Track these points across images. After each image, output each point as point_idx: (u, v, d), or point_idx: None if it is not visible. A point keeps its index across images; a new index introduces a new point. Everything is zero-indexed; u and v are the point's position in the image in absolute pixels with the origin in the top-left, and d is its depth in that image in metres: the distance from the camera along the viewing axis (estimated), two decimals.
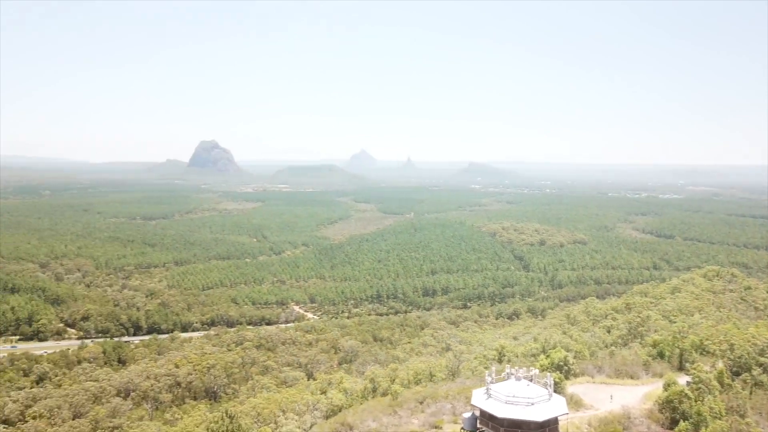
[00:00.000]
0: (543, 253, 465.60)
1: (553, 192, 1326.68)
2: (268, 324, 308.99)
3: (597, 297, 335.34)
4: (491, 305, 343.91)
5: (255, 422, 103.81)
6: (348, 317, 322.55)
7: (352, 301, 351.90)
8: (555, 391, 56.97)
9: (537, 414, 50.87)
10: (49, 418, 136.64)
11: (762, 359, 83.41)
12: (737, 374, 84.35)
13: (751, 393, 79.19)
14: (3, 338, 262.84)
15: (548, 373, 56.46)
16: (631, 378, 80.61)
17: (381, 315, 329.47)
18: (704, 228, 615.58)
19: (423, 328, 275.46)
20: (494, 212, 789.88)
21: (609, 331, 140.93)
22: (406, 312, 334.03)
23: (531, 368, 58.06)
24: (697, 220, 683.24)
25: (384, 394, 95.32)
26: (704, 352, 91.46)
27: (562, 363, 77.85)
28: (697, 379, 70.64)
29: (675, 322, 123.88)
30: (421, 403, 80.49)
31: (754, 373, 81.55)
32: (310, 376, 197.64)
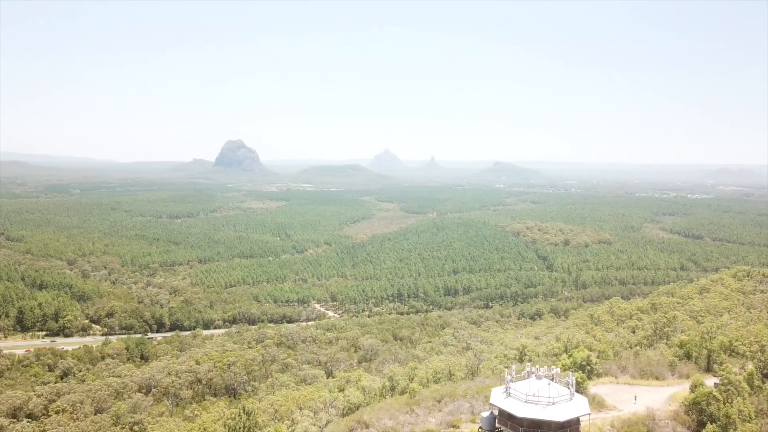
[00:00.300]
0: (567, 252, 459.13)
1: (579, 192, 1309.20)
2: (289, 322, 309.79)
3: (622, 297, 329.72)
4: (513, 305, 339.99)
5: (272, 419, 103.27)
6: (369, 316, 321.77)
7: (373, 300, 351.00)
8: (577, 391, 55.07)
9: (558, 414, 49.08)
10: (71, 413, 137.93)
11: None
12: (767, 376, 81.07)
13: None
14: (30, 333, 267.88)
15: (570, 373, 54.52)
16: (657, 379, 77.80)
17: (402, 314, 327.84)
18: (734, 228, 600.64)
19: (444, 328, 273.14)
20: (518, 212, 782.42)
21: (634, 331, 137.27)
22: (427, 311, 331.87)
23: (552, 367, 56.16)
24: (727, 221, 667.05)
25: (402, 393, 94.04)
26: (733, 354, 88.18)
27: (584, 363, 75.51)
28: (725, 381, 67.84)
29: (703, 323, 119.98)
30: (438, 401, 78.97)
31: None
32: (329, 374, 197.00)
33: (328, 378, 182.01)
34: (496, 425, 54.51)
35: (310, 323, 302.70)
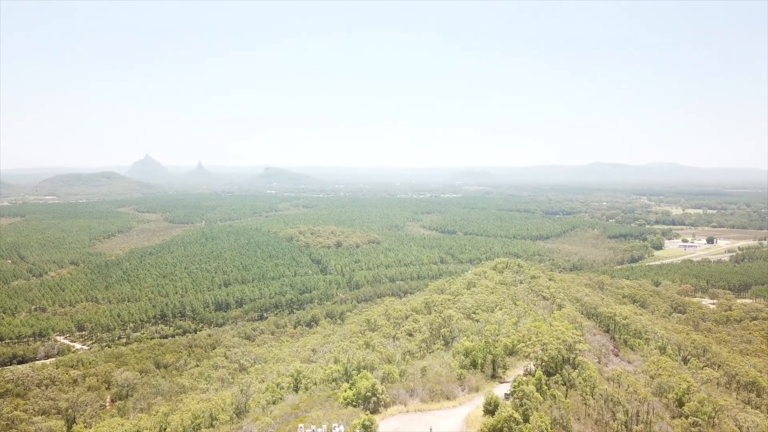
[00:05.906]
0: (340, 254, 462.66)
1: (348, 195, 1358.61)
2: (21, 362, 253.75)
3: (392, 294, 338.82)
4: (289, 313, 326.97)
5: None
6: (126, 343, 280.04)
7: (132, 325, 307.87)
8: None
9: None
10: None
11: (572, 356, 78.74)
12: (549, 374, 78.61)
13: (566, 395, 73.22)
14: None
15: (357, 431, 41.05)
16: (448, 399, 69.60)
17: (166, 337, 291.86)
18: (480, 223, 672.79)
19: (214, 347, 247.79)
20: (291, 216, 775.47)
21: (411, 334, 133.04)
22: (195, 331, 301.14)
23: (335, 425, 42.12)
24: (474, 216, 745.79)
25: None
26: (513, 353, 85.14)
27: (369, 393, 63.75)
28: (520, 393, 61.29)
29: (478, 321, 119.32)
30: None
31: (565, 372, 76.09)
32: (71, 423, 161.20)
33: (69, 429, 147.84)
34: None
35: (49, 361, 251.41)
